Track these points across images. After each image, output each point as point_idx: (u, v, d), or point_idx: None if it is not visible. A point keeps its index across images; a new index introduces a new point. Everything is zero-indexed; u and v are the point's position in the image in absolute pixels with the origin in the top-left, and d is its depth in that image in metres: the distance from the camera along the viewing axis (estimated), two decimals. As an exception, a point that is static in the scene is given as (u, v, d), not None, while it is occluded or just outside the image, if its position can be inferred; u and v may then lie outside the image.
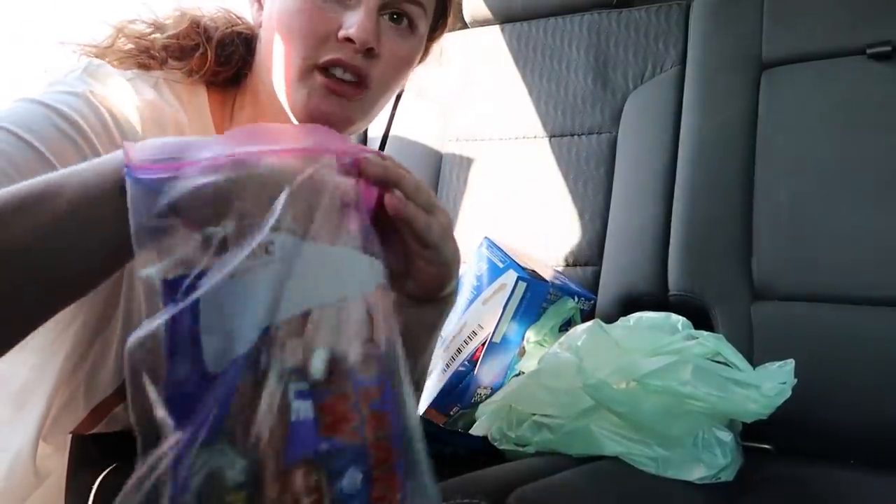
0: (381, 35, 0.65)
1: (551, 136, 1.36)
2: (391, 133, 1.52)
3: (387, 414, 0.40)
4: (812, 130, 1.10)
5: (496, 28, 1.46)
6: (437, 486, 0.41)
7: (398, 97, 1.56)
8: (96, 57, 0.67)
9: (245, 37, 0.72)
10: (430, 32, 0.73)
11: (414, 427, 0.41)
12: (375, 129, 1.56)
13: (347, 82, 0.64)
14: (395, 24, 0.66)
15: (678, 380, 0.80)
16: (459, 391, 1.07)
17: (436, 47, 0.77)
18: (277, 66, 0.66)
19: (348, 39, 0.63)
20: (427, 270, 0.52)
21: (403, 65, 0.69)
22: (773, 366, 0.83)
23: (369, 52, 0.64)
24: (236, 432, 0.36)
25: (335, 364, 0.39)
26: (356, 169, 0.45)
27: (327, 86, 0.64)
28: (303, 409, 0.38)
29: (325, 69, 0.64)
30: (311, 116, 0.65)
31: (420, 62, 0.75)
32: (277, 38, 0.65)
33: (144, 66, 0.68)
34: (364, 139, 1.59)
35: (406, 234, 0.50)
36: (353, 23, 0.63)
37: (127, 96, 0.62)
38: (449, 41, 0.79)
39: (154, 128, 0.63)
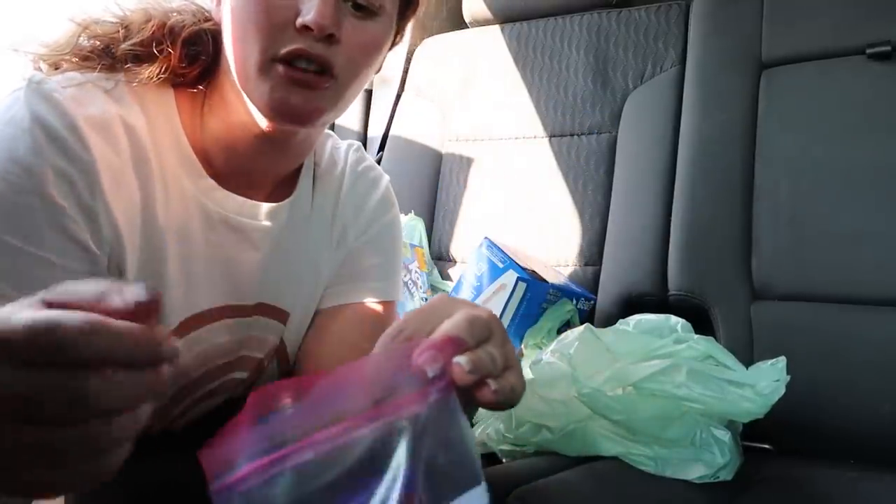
0: (341, 19, 0.61)
1: (551, 136, 1.36)
2: (391, 133, 1.52)
3: None
4: (812, 130, 1.10)
5: (496, 28, 1.46)
6: None
7: (398, 97, 1.57)
8: (56, 60, 0.65)
9: (213, 33, 0.69)
10: (402, 10, 0.69)
11: None
12: (375, 129, 1.56)
13: (312, 72, 0.61)
14: (356, 7, 0.63)
15: (673, 383, 0.80)
16: (459, 391, 1.07)
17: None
18: (237, 60, 0.63)
19: (306, 27, 0.60)
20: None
21: (371, 49, 0.65)
22: (766, 364, 0.83)
23: (330, 39, 0.61)
24: None
25: None
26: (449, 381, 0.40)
27: (290, 76, 0.61)
28: None
29: (287, 61, 0.61)
30: (275, 111, 0.62)
31: (393, 45, 0.72)
32: (235, 31, 0.63)
33: (106, 68, 0.65)
34: (364, 140, 1.59)
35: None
36: (310, 9, 0.60)
37: (69, 112, 0.60)
38: (449, 41, 0.78)
39: (101, 138, 0.61)
